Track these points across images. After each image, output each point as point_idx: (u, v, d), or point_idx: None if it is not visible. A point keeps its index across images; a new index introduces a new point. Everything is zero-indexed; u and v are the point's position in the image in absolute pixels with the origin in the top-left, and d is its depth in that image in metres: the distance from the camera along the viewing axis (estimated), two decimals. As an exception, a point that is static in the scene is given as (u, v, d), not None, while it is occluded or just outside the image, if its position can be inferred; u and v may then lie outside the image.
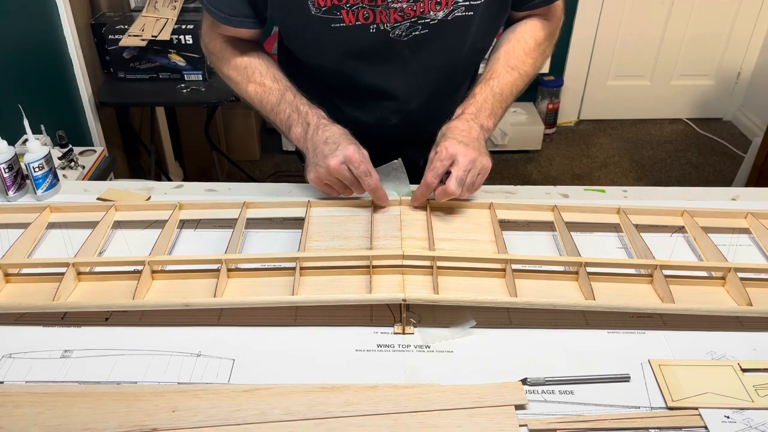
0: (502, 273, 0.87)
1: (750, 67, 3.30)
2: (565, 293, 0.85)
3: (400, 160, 1.01)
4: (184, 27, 2.10)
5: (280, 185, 1.13)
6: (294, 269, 0.86)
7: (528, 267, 0.89)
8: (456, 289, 0.84)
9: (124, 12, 2.33)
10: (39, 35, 1.85)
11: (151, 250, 0.90)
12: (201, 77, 2.17)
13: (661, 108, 3.45)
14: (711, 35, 3.22)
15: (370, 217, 0.97)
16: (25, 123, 1.09)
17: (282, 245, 0.97)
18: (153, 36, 2.06)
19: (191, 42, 2.09)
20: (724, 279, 0.88)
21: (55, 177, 1.10)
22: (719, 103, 3.43)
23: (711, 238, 0.94)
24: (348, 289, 0.84)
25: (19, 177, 1.08)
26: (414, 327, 0.84)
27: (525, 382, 0.75)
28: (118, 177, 2.18)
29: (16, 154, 1.06)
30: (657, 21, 3.18)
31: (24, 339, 0.82)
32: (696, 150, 3.22)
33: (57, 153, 1.54)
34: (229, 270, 0.87)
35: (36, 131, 1.22)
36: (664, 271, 0.86)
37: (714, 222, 1.01)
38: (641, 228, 0.97)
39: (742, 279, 0.85)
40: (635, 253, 0.93)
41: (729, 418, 0.71)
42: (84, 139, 2.08)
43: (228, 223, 0.99)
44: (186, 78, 2.17)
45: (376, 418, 0.70)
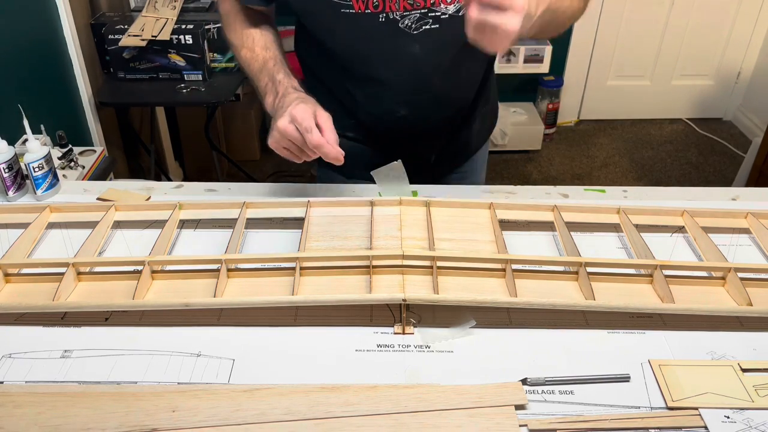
0: (502, 273, 0.87)
1: (750, 67, 3.30)
2: (565, 293, 0.85)
3: (399, 161, 1.01)
4: (184, 27, 2.10)
5: (280, 185, 1.14)
6: (294, 269, 0.86)
7: (528, 267, 0.88)
8: (456, 289, 0.84)
9: (124, 12, 2.32)
10: (39, 35, 1.84)
11: (151, 250, 0.90)
12: (201, 77, 2.16)
13: (661, 108, 3.45)
14: (711, 35, 3.21)
15: (370, 217, 0.97)
16: (25, 123, 1.09)
17: (282, 245, 0.97)
18: (153, 36, 2.06)
19: (191, 42, 2.09)
20: (724, 279, 0.88)
21: (55, 177, 1.10)
22: (719, 103, 3.43)
23: (711, 238, 0.94)
24: (348, 289, 0.84)
25: (19, 177, 1.08)
26: (414, 327, 0.84)
27: (525, 382, 0.75)
28: (118, 177, 2.18)
29: (16, 154, 1.06)
30: (657, 21, 3.18)
31: (24, 339, 0.82)
32: (696, 150, 3.21)
33: (57, 153, 1.54)
34: (229, 270, 0.87)
35: (36, 131, 1.22)
36: (664, 271, 0.86)
37: (714, 222, 1.01)
38: (641, 228, 0.97)
39: (742, 279, 0.85)
40: (635, 253, 0.93)
41: (729, 418, 0.71)
42: (84, 139, 2.08)
43: (228, 223, 0.99)
44: (186, 78, 2.17)
45: (376, 418, 0.70)
